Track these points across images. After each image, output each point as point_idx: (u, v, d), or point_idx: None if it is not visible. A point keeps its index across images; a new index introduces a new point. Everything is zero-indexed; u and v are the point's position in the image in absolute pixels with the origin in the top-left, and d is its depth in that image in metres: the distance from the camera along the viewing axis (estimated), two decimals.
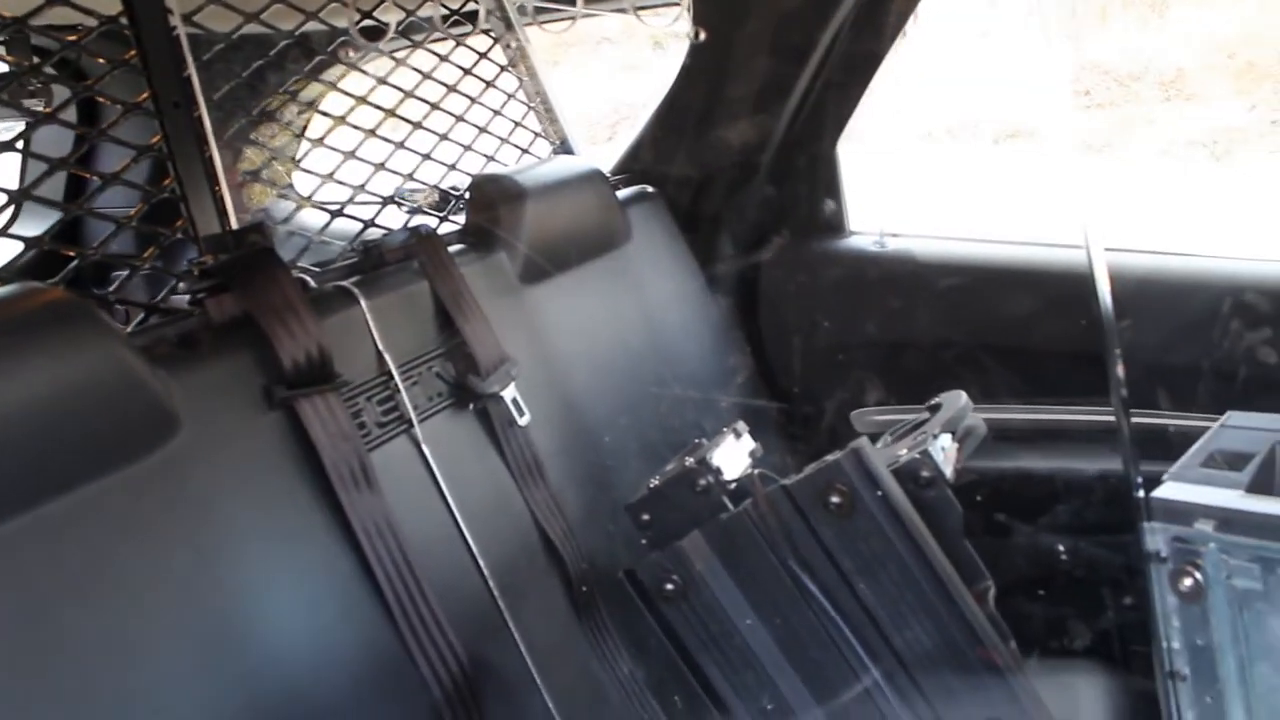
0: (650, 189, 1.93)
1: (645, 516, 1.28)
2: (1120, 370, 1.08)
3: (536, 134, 1.92)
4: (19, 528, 0.91)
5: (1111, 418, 1.11)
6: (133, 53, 1.26)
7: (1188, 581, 0.99)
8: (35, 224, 1.22)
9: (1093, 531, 1.55)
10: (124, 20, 1.25)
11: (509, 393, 1.38)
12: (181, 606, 1.01)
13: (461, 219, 1.62)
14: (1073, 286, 1.38)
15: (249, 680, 1.04)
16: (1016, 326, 1.78)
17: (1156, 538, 1.03)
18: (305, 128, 1.85)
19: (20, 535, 0.91)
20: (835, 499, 1.12)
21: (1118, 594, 1.45)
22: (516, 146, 1.88)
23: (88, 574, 0.95)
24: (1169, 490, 1.03)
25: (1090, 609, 1.51)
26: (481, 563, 1.28)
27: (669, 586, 1.21)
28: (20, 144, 1.23)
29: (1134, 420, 1.10)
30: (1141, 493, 1.04)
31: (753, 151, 1.94)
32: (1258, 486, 1.02)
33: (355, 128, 1.57)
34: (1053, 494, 1.61)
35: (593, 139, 1.98)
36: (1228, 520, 0.98)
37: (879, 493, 1.11)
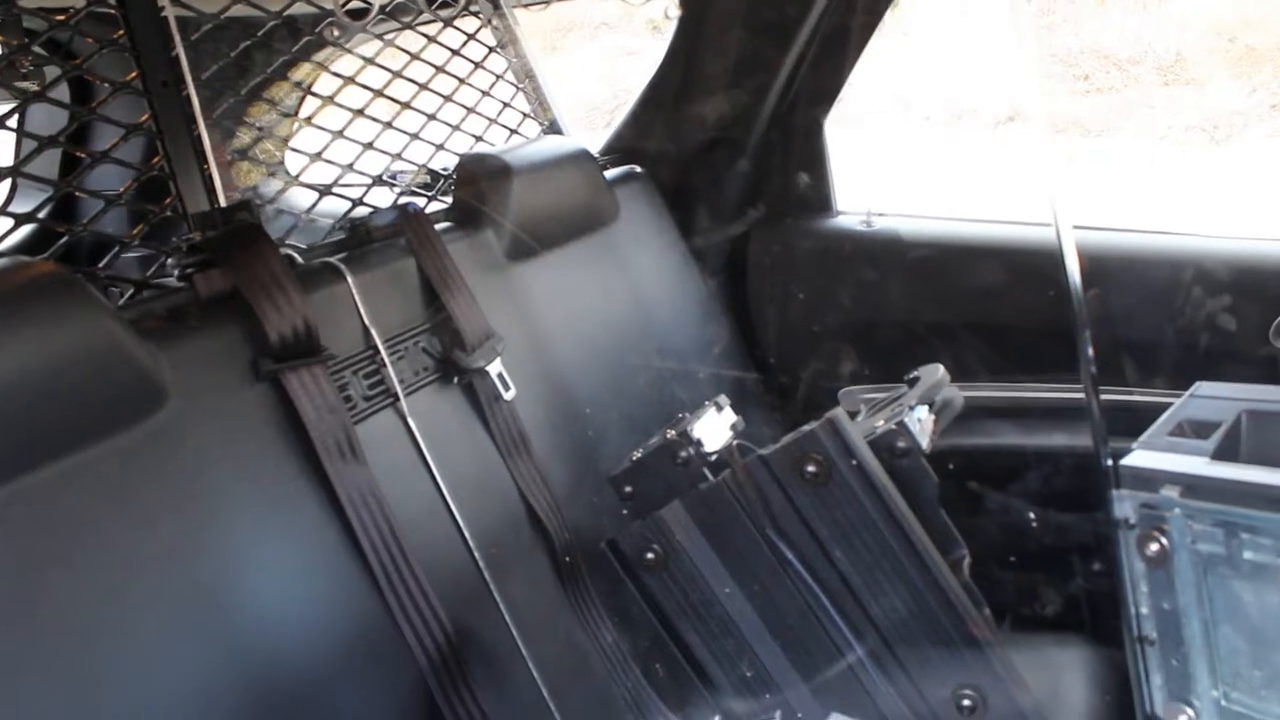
0: (638, 169, 1.95)
1: (628, 488, 1.30)
2: (1089, 347, 1.09)
3: (525, 114, 1.93)
4: (10, 493, 0.93)
5: (1083, 393, 1.13)
6: (121, 33, 1.28)
7: (1154, 546, 1.01)
8: (30, 205, 1.24)
9: (1066, 503, 1.57)
10: (113, 1, 1.27)
11: (494, 367, 1.40)
12: (169, 572, 1.03)
13: (449, 199, 1.64)
14: (1053, 264, 1.41)
15: (236, 645, 1.06)
16: (1001, 304, 1.80)
17: (1125, 504, 1.05)
18: (298, 109, 1.86)
19: (11, 501, 0.93)
20: (811, 468, 1.14)
21: (1090, 564, 1.48)
22: (505, 127, 1.89)
23: (78, 539, 0.97)
24: (1137, 458, 1.05)
25: (1063, 579, 1.53)
26: (467, 534, 1.30)
27: (650, 556, 1.24)
28: (13, 123, 1.24)
29: (1106, 397, 1.12)
30: (1110, 461, 1.05)
31: (740, 130, 1.95)
32: (1223, 454, 1.03)
33: (343, 108, 1.58)
34: (1027, 468, 1.63)
35: (591, 124, 2.00)
36: (1193, 487, 1.00)
37: (854, 462, 1.13)
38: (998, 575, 1.39)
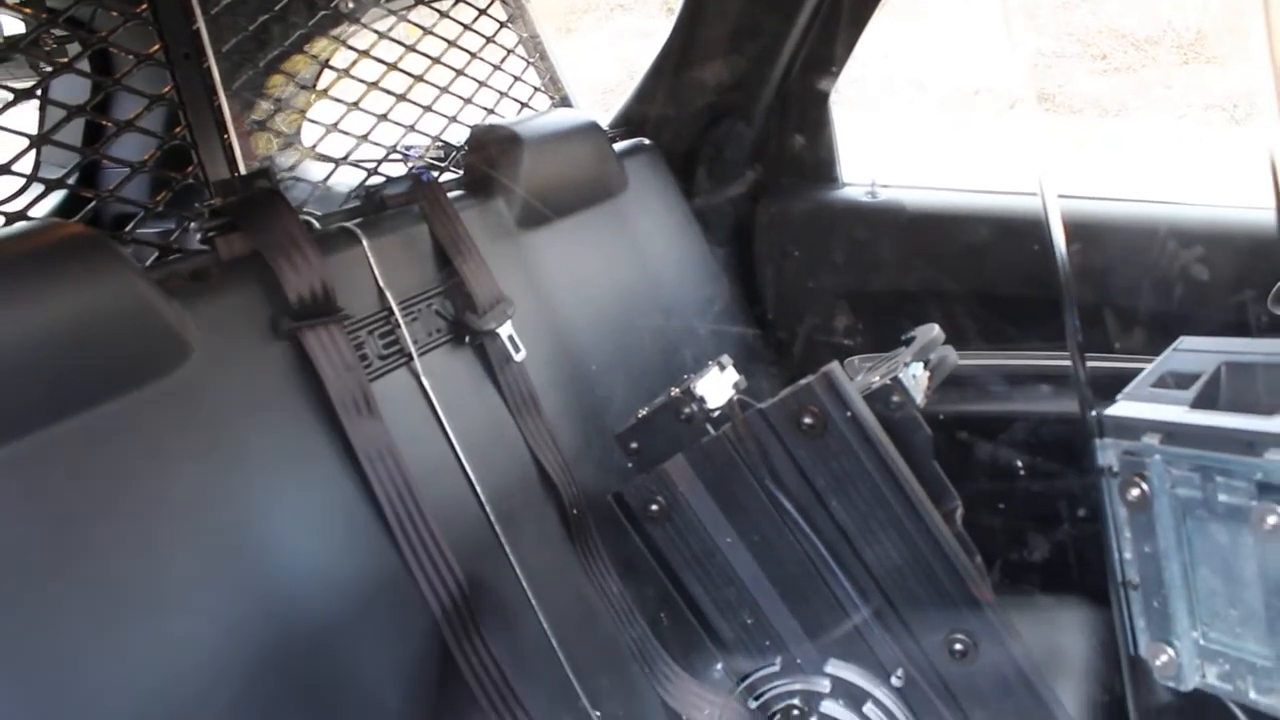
0: (647, 141, 1.99)
1: (634, 445, 1.35)
2: (1074, 306, 1.13)
3: (536, 89, 1.98)
4: (47, 440, 0.98)
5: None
6: (144, 6, 1.33)
7: (1135, 492, 1.05)
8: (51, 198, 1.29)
9: (1056, 459, 1.62)
10: None
11: (505, 330, 1.44)
12: (195, 518, 1.08)
13: (461, 171, 1.68)
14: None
15: (257, 589, 1.11)
16: (1000, 272, 1.84)
17: (1108, 453, 1.09)
18: (315, 82, 1.91)
19: (47, 447, 0.98)
20: (808, 420, 1.18)
21: (1077, 516, 1.52)
22: (516, 100, 1.94)
23: (109, 484, 1.02)
24: (1120, 408, 1.09)
25: (1052, 530, 1.58)
26: (478, 488, 1.35)
27: (654, 508, 1.29)
28: (40, 94, 1.29)
29: (1096, 363, 1.15)
30: (1094, 412, 1.10)
31: (746, 103, 1.99)
32: (1202, 403, 1.07)
33: (359, 80, 1.63)
34: (1020, 428, 1.67)
35: (607, 107, 2.04)
36: (1172, 434, 1.04)
37: (849, 414, 1.18)
38: (989, 524, 1.43)
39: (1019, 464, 1.68)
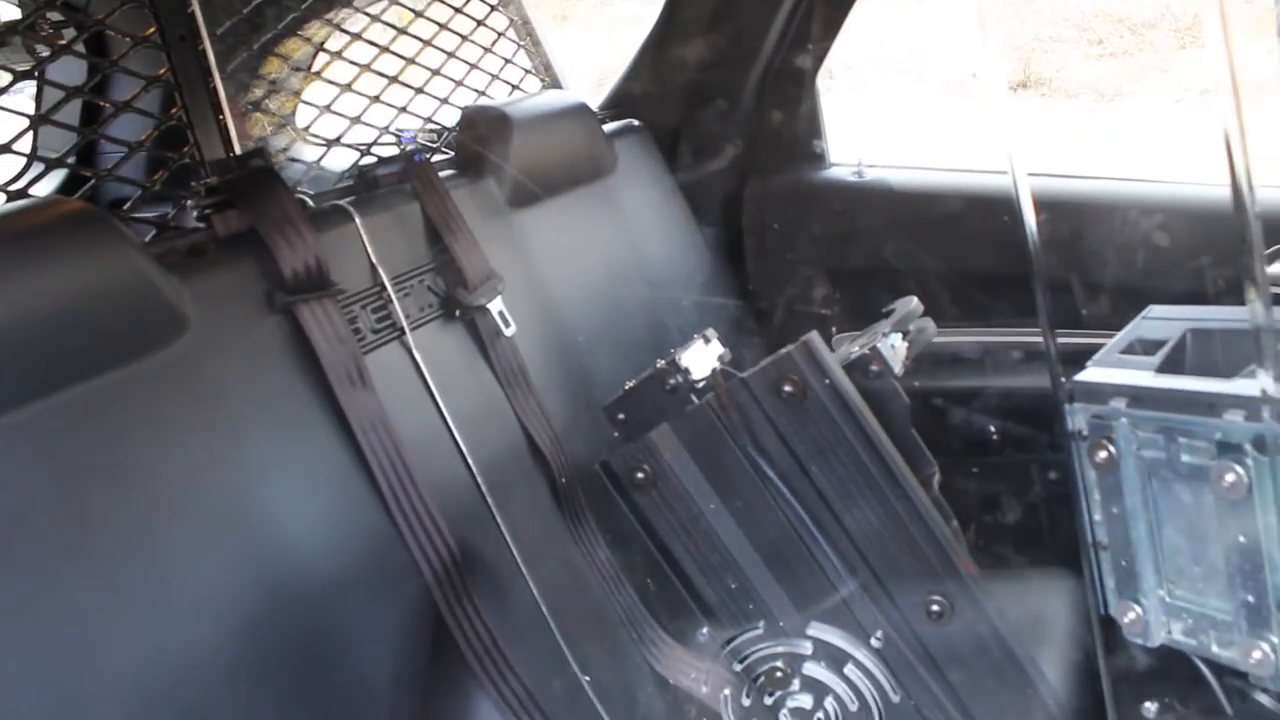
0: (636, 122, 2.02)
1: (621, 416, 1.39)
2: (1044, 285, 1.16)
3: (527, 71, 2.01)
4: (49, 408, 1.01)
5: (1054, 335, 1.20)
6: None
7: (1102, 454, 1.09)
8: (52, 179, 1.32)
9: (1033, 429, 1.66)
10: None
11: (495, 305, 1.48)
12: (193, 485, 1.11)
13: (452, 152, 1.72)
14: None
15: (254, 555, 1.14)
16: (985, 250, 1.87)
17: (1077, 417, 1.12)
18: (310, 65, 1.94)
19: (50, 415, 1.01)
20: (788, 388, 1.22)
21: (1050, 485, 1.56)
22: (507, 83, 1.97)
23: (110, 451, 1.06)
24: (1088, 374, 1.13)
25: (1024, 492, 1.62)
26: (469, 459, 1.39)
27: (639, 476, 1.32)
28: (38, 76, 1.33)
29: (1068, 340, 1.18)
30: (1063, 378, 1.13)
31: (735, 84, 2.02)
32: (1168, 367, 1.11)
33: (351, 63, 1.66)
34: (998, 402, 1.71)
35: (602, 95, 2.08)
36: (1138, 398, 1.07)
37: (827, 381, 1.21)
38: (968, 494, 1.47)
39: (995, 434, 1.72)
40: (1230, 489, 0.99)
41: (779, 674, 1.34)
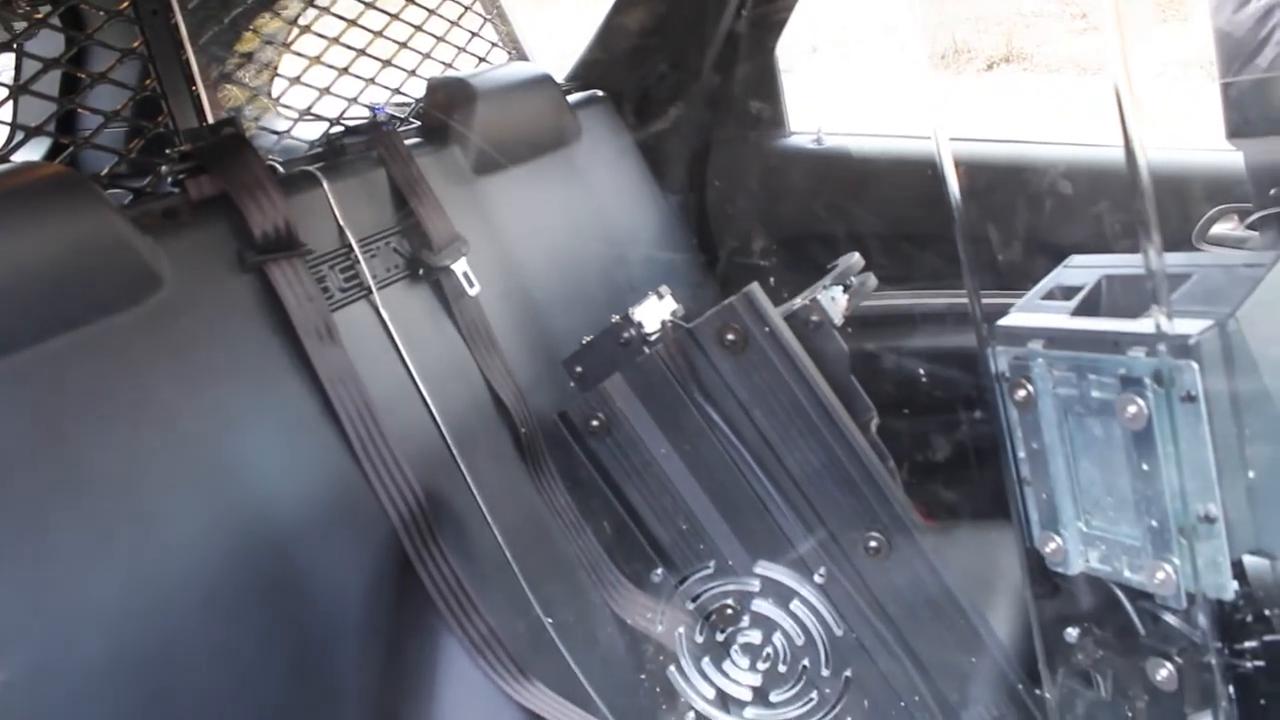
0: (600, 93, 2.09)
1: (579, 369, 1.46)
2: (967, 242, 1.22)
3: (493, 44, 2.07)
4: (33, 357, 1.08)
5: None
6: None
7: (1021, 393, 1.16)
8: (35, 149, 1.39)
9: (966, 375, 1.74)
10: None
11: (459, 266, 1.54)
12: (172, 430, 1.18)
13: (419, 122, 1.78)
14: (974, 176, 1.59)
15: (230, 497, 1.21)
16: (938, 213, 1.94)
17: (1000, 360, 1.19)
18: (286, 39, 1.99)
19: (33, 364, 1.08)
20: (730, 337, 1.29)
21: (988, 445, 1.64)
22: (474, 55, 2.03)
23: (91, 398, 1.13)
24: (1009, 319, 1.20)
25: (966, 459, 1.70)
26: (435, 411, 1.45)
27: (594, 423, 1.40)
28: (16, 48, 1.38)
29: (992, 300, 1.25)
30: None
31: (696, 55, 2.09)
32: (1083, 311, 1.18)
33: (320, 36, 1.72)
34: (937, 357, 1.79)
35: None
36: (1053, 339, 1.14)
37: (767, 330, 1.28)
38: (898, 430, 1.53)
39: (935, 386, 1.79)
40: (1133, 419, 1.06)
41: (729, 611, 1.41)
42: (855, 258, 1.47)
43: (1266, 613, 1.10)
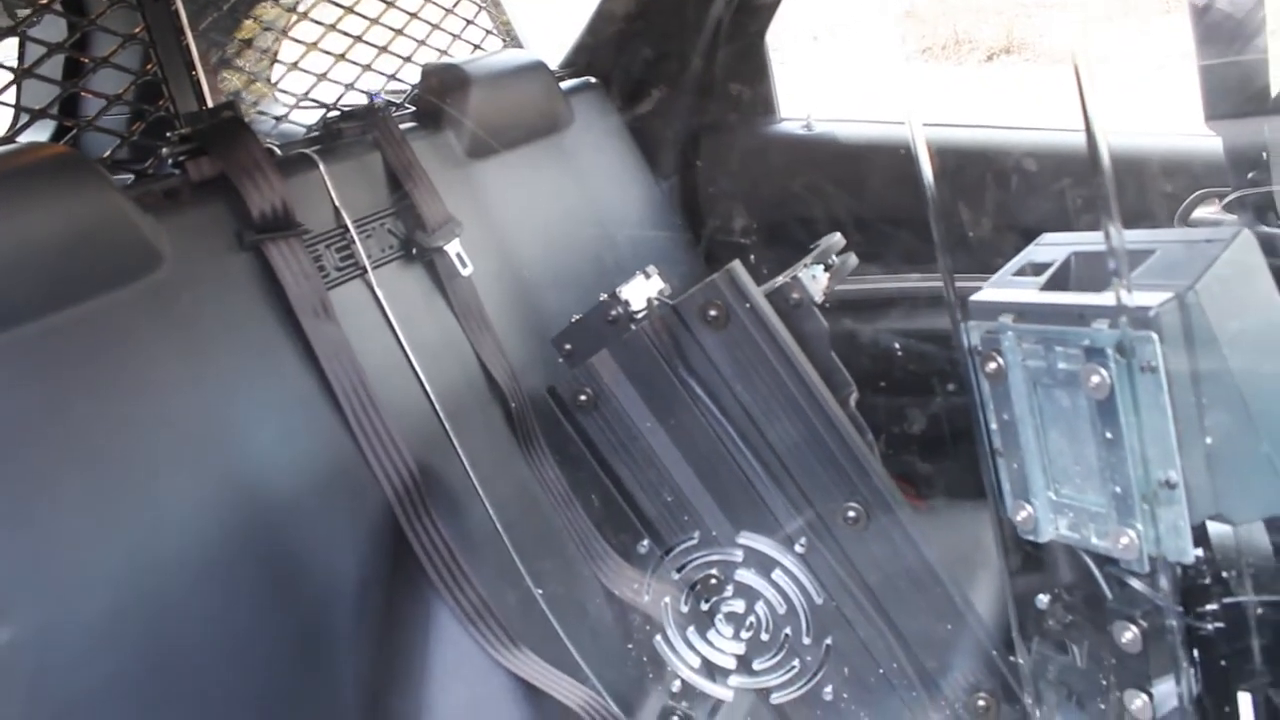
0: (593, 80, 2.13)
1: (568, 346, 1.50)
2: (941, 225, 1.26)
3: (489, 32, 2.11)
4: (40, 329, 1.13)
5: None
6: None
7: (992, 365, 1.20)
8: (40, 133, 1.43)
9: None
10: None
11: (453, 247, 1.59)
12: (172, 402, 1.23)
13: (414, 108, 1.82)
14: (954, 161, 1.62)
15: (228, 468, 1.26)
16: (913, 197, 1.99)
17: (973, 334, 1.23)
18: (287, 27, 2.03)
19: (40, 336, 1.13)
20: (713, 313, 1.33)
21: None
22: (469, 43, 2.07)
23: (94, 370, 1.17)
24: (981, 294, 1.24)
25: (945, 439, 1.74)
26: (428, 387, 1.50)
27: (582, 398, 1.44)
28: (20, 33, 1.43)
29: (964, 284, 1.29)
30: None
31: (688, 42, 2.13)
32: (1052, 286, 1.22)
33: (317, 23, 1.76)
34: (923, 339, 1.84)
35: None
36: (1023, 313, 1.18)
37: (748, 305, 1.32)
38: (875, 403, 1.57)
39: (916, 365, 1.83)
40: (1096, 389, 1.09)
41: (713, 581, 1.45)
42: (836, 237, 1.51)
43: (1224, 575, 1.14)
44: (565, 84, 2.05)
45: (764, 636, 1.45)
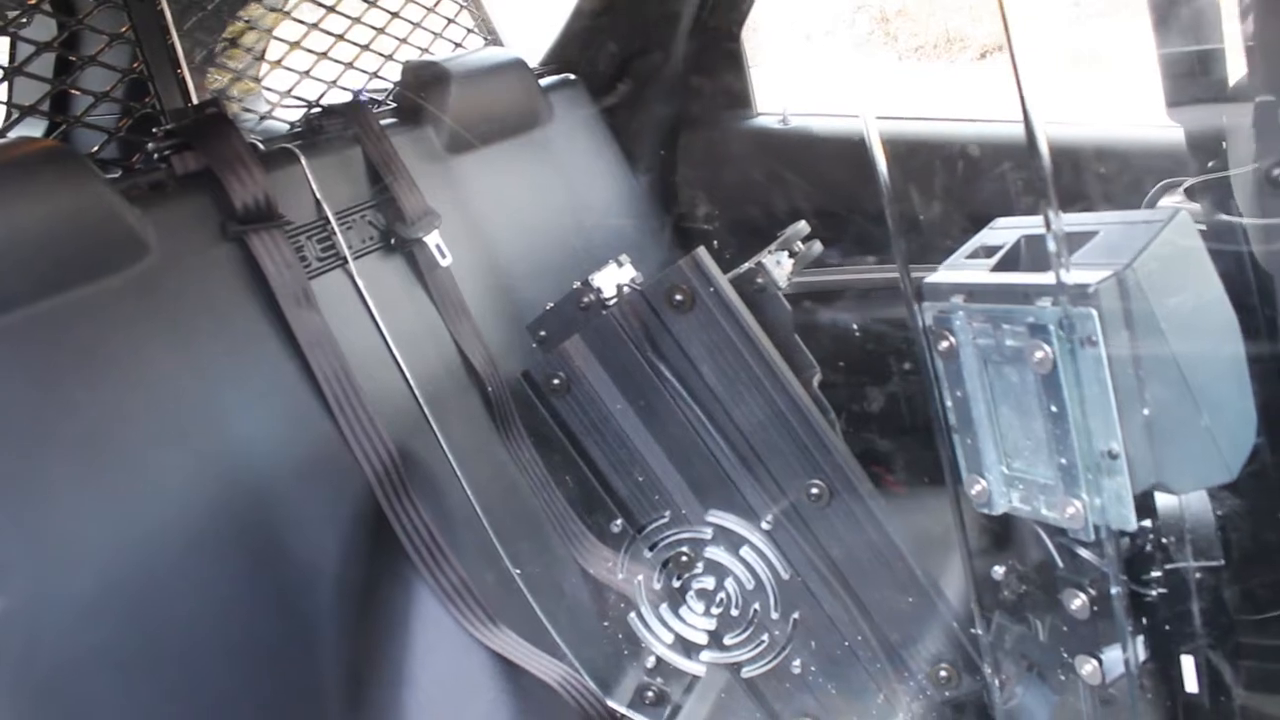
0: (572, 76, 2.18)
1: (542, 332, 1.55)
2: (896, 214, 1.30)
3: (469, 30, 2.16)
4: (28, 317, 1.17)
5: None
6: None
7: (944, 344, 1.25)
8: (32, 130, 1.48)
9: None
10: None
11: (432, 239, 1.63)
12: (159, 387, 1.27)
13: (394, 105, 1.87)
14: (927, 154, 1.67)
15: (214, 450, 1.30)
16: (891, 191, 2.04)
17: (927, 314, 1.28)
18: (272, 28, 2.08)
19: (29, 323, 1.17)
20: (679, 297, 1.38)
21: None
22: (450, 41, 2.12)
23: (82, 355, 1.22)
24: (934, 276, 1.28)
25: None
26: (408, 374, 1.54)
27: (555, 382, 1.49)
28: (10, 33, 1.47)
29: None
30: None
31: (665, 39, 2.18)
32: (1002, 267, 1.27)
33: (300, 22, 1.81)
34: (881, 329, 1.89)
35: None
36: (973, 293, 1.23)
37: (712, 290, 1.37)
38: (837, 381, 1.61)
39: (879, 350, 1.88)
40: (1040, 364, 1.14)
41: (684, 558, 1.50)
42: (801, 225, 1.56)
43: (1164, 542, 1.19)
44: (545, 81, 2.10)
45: (734, 612, 1.49)
